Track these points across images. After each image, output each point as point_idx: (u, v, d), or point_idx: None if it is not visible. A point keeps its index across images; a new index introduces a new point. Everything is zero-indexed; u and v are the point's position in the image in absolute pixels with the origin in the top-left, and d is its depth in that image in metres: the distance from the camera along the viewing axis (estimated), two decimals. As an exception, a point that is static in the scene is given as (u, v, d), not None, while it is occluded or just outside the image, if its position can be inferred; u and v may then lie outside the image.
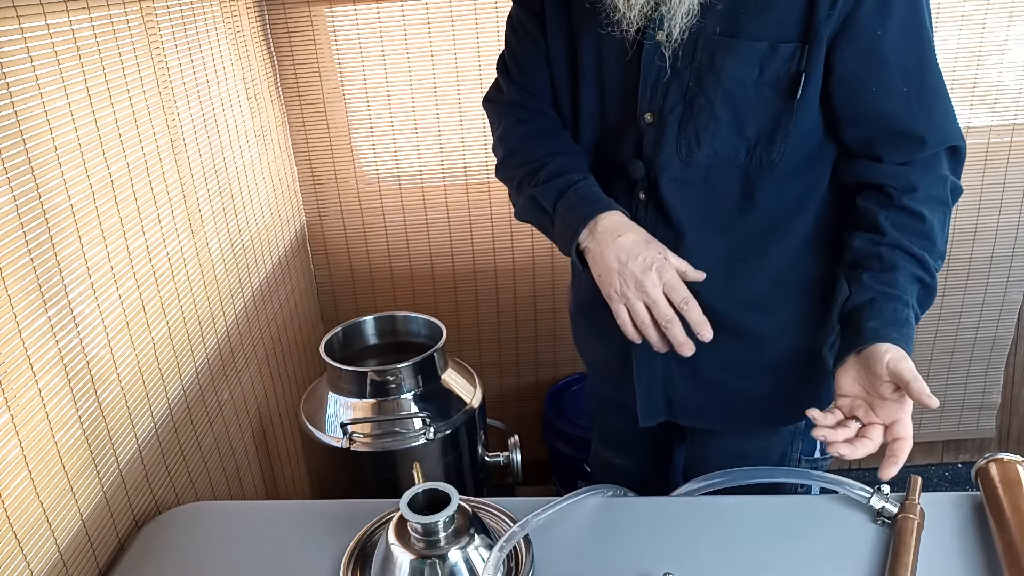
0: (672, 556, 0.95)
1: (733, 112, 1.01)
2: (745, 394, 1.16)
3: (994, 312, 2.15)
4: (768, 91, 0.99)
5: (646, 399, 1.19)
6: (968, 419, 2.30)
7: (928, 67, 1.00)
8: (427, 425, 1.34)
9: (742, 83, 1.00)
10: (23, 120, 0.91)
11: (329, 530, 1.03)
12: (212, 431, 1.37)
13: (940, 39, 1.88)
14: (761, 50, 0.98)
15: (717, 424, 1.20)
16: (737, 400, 1.16)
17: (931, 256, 0.98)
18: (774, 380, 1.15)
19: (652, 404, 1.19)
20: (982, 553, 0.93)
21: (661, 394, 1.19)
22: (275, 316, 1.74)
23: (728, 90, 1.00)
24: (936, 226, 1.00)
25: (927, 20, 0.99)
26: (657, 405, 1.20)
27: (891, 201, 0.99)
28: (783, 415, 1.19)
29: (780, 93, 0.99)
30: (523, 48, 1.15)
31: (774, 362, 1.13)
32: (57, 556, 0.94)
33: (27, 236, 0.91)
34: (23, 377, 0.89)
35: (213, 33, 1.48)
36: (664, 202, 1.07)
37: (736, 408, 1.17)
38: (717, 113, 1.01)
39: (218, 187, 1.46)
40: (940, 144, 1.00)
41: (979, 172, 1.99)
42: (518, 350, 2.20)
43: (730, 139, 1.03)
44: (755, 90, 1.00)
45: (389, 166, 1.99)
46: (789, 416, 1.19)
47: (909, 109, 0.98)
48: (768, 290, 1.09)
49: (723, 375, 1.15)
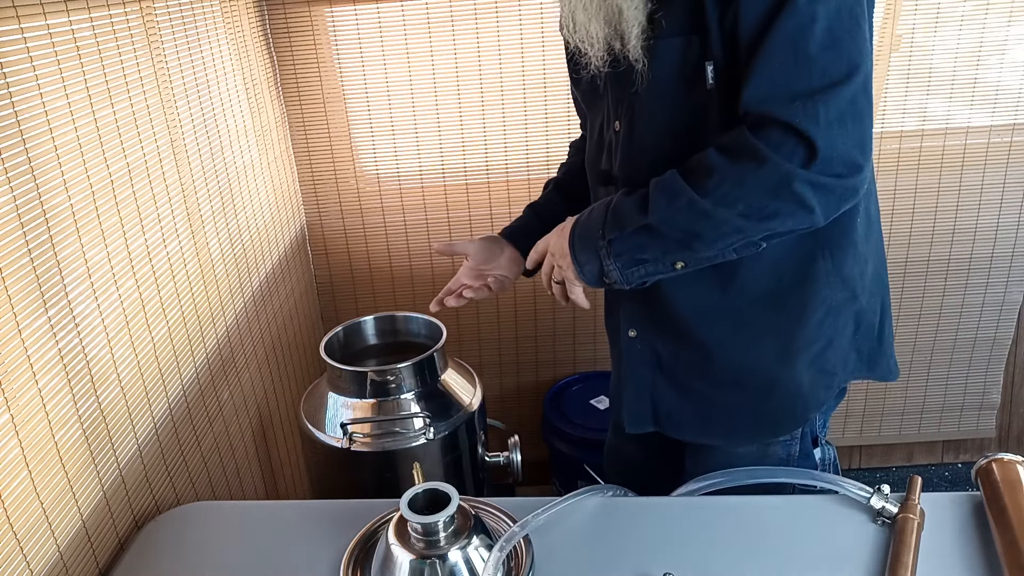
0: (672, 556, 0.95)
1: (667, 111, 1.03)
2: (723, 405, 1.16)
3: (994, 312, 2.15)
4: (690, 84, 1.00)
5: (633, 406, 1.21)
6: (968, 419, 2.30)
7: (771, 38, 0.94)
8: (427, 425, 1.34)
9: (668, 80, 1.01)
10: (23, 120, 0.91)
11: (329, 530, 1.03)
12: (212, 431, 1.37)
13: (940, 39, 1.89)
14: (679, 44, 0.99)
15: (700, 437, 1.20)
16: (715, 411, 1.16)
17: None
18: (744, 393, 1.14)
19: (639, 412, 1.21)
20: (982, 553, 0.93)
21: (648, 402, 1.20)
22: (275, 316, 1.74)
23: (659, 91, 1.02)
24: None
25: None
26: (644, 413, 1.21)
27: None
28: (759, 430, 1.17)
29: (695, 85, 1.00)
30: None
31: (744, 375, 1.13)
32: (57, 556, 0.94)
33: (27, 236, 0.91)
34: (23, 377, 0.89)
35: (213, 33, 1.48)
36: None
37: (715, 420, 1.17)
38: (654, 114, 1.04)
39: (218, 187, 1.46)
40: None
41: (979, 172, 2.00)
42: (518, 350, 2.20)
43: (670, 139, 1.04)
44: (681, 85, 1.01)
45: (389, 166, 1.99)
46: (764, 431, 1.17)
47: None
48: (735, 301, 1.09)
49: (701, 384, 1.16)
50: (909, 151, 1.98)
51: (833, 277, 1.08)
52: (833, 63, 0.90)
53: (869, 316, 1.14)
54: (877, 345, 1.16)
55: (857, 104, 0.91)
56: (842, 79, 0.90)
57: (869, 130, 0.93)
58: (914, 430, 2.31)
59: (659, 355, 1.17)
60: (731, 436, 1.18)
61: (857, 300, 1.11)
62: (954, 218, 2.05)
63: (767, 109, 0.92)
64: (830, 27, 0.90)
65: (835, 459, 1.29)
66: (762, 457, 1.18)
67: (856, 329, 1.13)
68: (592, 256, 1.04)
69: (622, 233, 1.01)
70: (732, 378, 1.13)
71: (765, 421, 1.15)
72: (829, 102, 0.89)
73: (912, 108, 1.94)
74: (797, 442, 1.18)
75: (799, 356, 1.10)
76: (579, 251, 1.06)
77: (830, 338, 1.11)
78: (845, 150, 0.90)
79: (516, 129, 1.95)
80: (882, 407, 2.28)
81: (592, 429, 1.97)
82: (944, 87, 1.92)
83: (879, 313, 1.16)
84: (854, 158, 0.91)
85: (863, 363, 1.16)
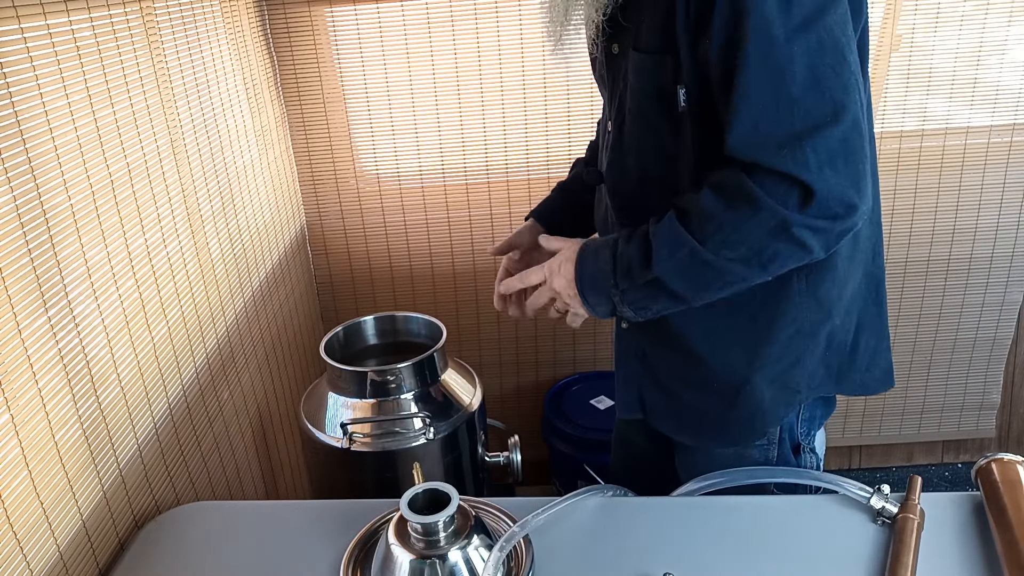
0: (672, 556, 0.95)
1: (646, 125, 1.02)
2: (693, 407, 1.16)
3: (994, 312, 2.15)
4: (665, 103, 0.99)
5: (623, 392, 1.24)
6: (968, 419, 2.30)
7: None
8: (427, 425, 1.34)
9: (646, 95, 1.00)
10: (23, 120, 0.91)
11: (329, 530, 1.03)
12: (212, 431, 1.37)
13: (940, 39, 1.89)
14: (651, 62, 0.98)
15: (676, 433, 1.21)
16: (687, 412, 1.17)
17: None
18: (711, 398, 1.13)
19: (628, 399, 1.23)
20: (982, 553, 0.93)
21: (635, 391, 1.22)
22: (275, 316, 1.74)
23: (639, 103, 1.01)
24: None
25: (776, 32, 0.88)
26: (632, 401, 1.23)
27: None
28: (724, 435, 1.16)
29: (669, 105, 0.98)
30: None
31: (712, 380, 1.12)
32: (57, 556, 0.94)
33: (27, 236, 0.91)
34: (23, 377, 0.89)
35: (213, 33, 1.48)
36: (616, 210, 1.12)
37: (687, 420, 1.17)
38: (635, 125, 1.03)
39: (218, 187, 1.46)
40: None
41: (979, 172, 2.00)
42: (518, 350, 2.20)
43: (649, 152, 1.04)
44: (657, 103, 0.99)
45: (389, 166, 1.99)
46: (727, 437, 1.16)
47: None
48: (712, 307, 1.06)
49: (676, 385, 1.16)
50: (909, 151, 1.98)
51: (806, 298, 1.06)
52: (817, 104, 0.87)
53: (841, 334, 1.12)
54: (848, 360, 1.14)
55: (849, 143, 0.88)
56: (828, 120, 0.87)
57: (864, 166, 0.90)
58: (914, 430, 2.31)
59: (644, 351, 1.18)
60: (700, 437, 1.18)
61: (831, 320, 1.09)
62: (954, 218, 2.05)
63: (754, 156, 0.89)
64: (811, 64, 0.87)
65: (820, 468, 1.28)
66: (738, 459, 1.17)
67: (827, 347, 1.11)
68: (605, 300, 1.05)
69: (632, 284, 1.01)
70: (702, 381, 1.13)
71: (728, 428, 1.15)
72: (818, 145, 0.87)
73: (912, 108, 1.94)
74: (774, 447, 1.17)
75: (762, 371, 1.09)
76: (590, 295, 1.05)
77: (797, 356, 1.09)
78: (840, 191, 0.88)
79: (516, 129, 1.95)
80: (882, 407, 2.28)
81: (592, 429, 1.97)
82: (944, 87, 1.92)
83: (853, 330, 1.14)
84: (849, 198, 0.89)
85: (831, 378, 1.14)
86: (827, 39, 0.87)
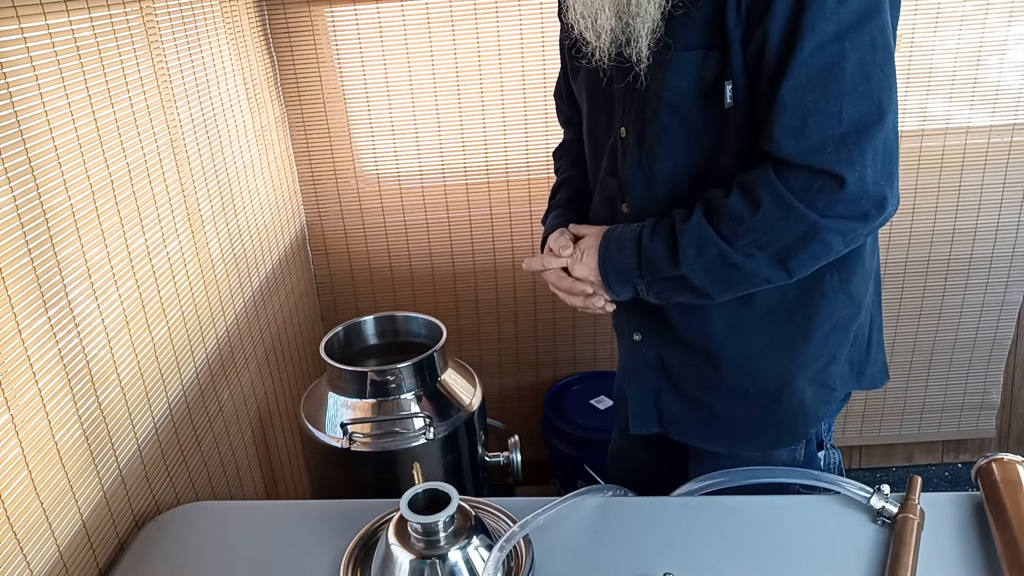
0: (672, 556, 0.95)
1: (682, 124, 1.01)
2: (726, 416, 1.15)
3: (994, 312, 2.15)
4: (706, 100, 0.98)
5: (638, 407, 1.21)
6: (968, 419, 2.30)
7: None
8: (427, 425, 1.34)
9: (683, 94, 0.98)
10: (23, 120, 0.91)
11: (329, 530, 1.03)
12: (212, 431, 1.37)
13: (940, 39, 1.89)
14: (696, 59, 0.96)
15: (703, 442, 1.20)
16: (718, 420, 1.16)
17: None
18: (747, 405, 1.13)
19: (644, 413, 1.21)
20: (982, 553, 0.93)
21: (652, 405, 1.20)
22: (275, 316, 1.74)
23: (673, 103, 1.00)
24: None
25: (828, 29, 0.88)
26: (648, 415, 1.21)
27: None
28: (761, 441, 1.16)
29: (711, 102, 0.97)
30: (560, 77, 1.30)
31: (746, 386, 1.12)
32: (57, 556, 0.94)
33: (27, 236, 0.91)
34: (23, 377, 0.89)
35: (213, 33, 1.48)
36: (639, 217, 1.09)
37: (719, 428, 1.17)
38: (667, 126, 1.01)
39: (218, 187, 1.46)
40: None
41: (979, 172, 1.99)
42: (518, 350, 2.19)
43: (685, 153, 1.02)
44: (697, 100, 0.98)
45: (389, 166, 1.99)
46: (766, 442, 1.17)
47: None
48: (741, 314, 1.08)
49: (704, 394, 1.15)
50: (909, 151, 1.98)
51: (840, 293, 1.07)
52: (864, 102, 0.87)
53: (863, 329, 1.14)
54: (865, 356, 1.16)
55: (888, 143, 0.89)
56: (874, 119, 0.87)
57: (897, 167, 0.91)
58: (914, 430, 2.31)
59: (664, 361, 1.17)
60: (734, 444, 1.18)
61: (860, 315, 1.10)
62: (954, 218, 2.05)
63: (796, 152, 0.89)
64: (862, 61, 0.87)
65: (839, 463, 1.29)
66: (766, 462, 1.17)
67: (853, 342, 1.13)
68: (629, 288, 1.07)
69: (657, 278, 1.02)
70: (735, 389, 1.13)
71: (767, 433, 1.15)
72: (863, 144, 0.87)
73: (912, 108, 1.94)
74: (802, 448, 1.18)
75: (802, 371, 1.10)
76: (615, 284, 1.07)
77: (833, 353, 1.10)
78: (876, 190, 0.89)
79: (516, 129, 1.95)
80: (882, 407, 2.28)
81: (592, 429, 1.97)
82: (944, 87, 1.92)
83: (869, 325, 1.16)
84: (883, 198, 0.90)
85: (853, 373, 1.15)
86: (878, 37, 0.88)
